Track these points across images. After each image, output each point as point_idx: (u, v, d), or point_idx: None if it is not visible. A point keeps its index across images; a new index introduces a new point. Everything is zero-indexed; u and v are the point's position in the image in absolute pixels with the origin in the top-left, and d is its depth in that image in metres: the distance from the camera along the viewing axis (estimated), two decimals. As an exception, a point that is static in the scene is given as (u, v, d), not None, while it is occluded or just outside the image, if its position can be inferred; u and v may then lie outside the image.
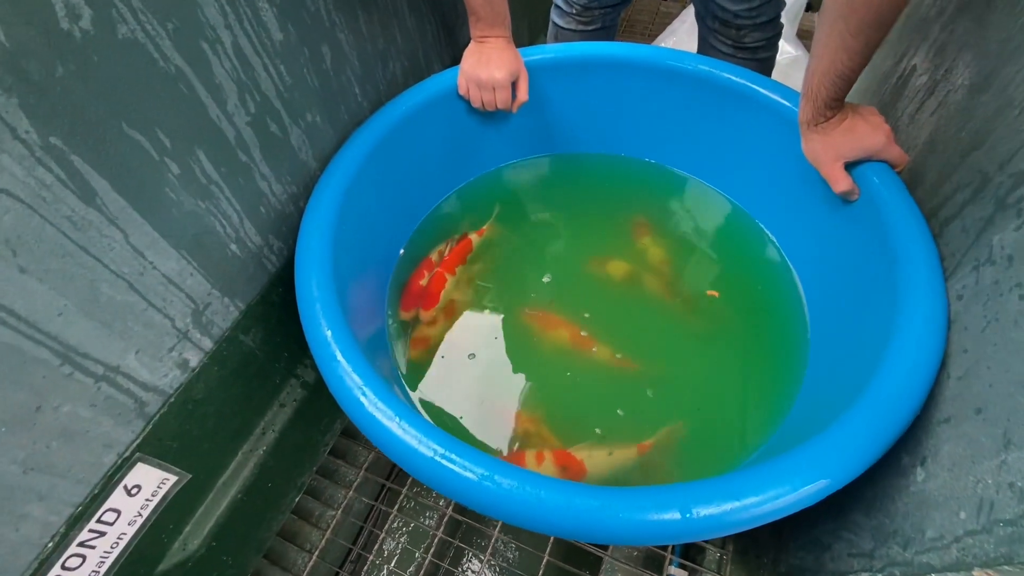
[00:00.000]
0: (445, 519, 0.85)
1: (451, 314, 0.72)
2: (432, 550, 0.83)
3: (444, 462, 0.41)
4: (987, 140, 0.51)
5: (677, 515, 0.39)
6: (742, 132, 0.77)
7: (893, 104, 0.77)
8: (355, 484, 0.86)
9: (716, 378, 0.67)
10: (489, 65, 0.69)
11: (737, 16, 0.88)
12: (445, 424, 0.64)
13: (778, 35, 0.94)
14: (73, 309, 0.44)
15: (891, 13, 0.50)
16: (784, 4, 0.92)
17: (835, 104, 0.56)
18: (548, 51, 0.79)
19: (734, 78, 0.73)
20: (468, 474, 0.41)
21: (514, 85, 0.73)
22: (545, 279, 0.77)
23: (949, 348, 0.47)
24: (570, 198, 0.88)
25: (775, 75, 1.02)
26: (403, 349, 0.70)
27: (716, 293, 0.71)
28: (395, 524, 0.87)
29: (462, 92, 0.74)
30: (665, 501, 0.39)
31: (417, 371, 0.68)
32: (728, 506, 0.39)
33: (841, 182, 0.60)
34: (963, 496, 0.40)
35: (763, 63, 0.96)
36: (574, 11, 0.99)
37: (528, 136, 0.87)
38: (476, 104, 0.74)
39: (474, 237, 0.79)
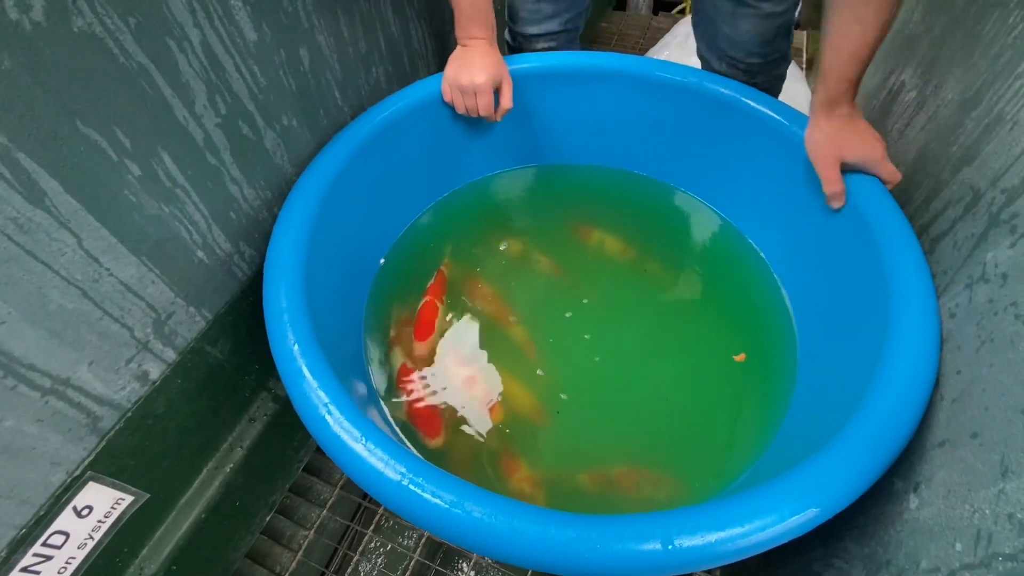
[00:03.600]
0: (423, 540, 0.81)
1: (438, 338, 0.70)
2: (409, 573, 0.80)
3: (412, 487, 0.39)
4: (978, 155, 0.50)
5: (658, 546, 0.36)
6: (732, 145, 0.75)
7: (882, 120, 0.76)
8: (329, 503, 0.82)
9: (698, 398, 0.65)
10: (471, 69, 0.67)
11: (750, 55, 0.78)
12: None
13: (787, 66, 0.84)
14: (17, 317, 0.41)
15: None
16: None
17: (848, 87, 0.54)
18: (535, 59, 0.78)
19: (724, 90, 0.72)
20: (436, 501, 0.38)
21: (499, 93, 0.71)
22: (523, 293, 0.75)
23: (942, 368, 0.45)
24: (553, 210, 0.86)
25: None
26: (383, 368, 0.67)
27: (743, 357, 0.67)
28: (371, 545, 0.83)
29: (447, 99, 0.72)
30: (645, 531, 0.36)
31: (397, 390, 0.66)
32: (712, 537, 0.36)
33: (834, 182, 0.58)
34: (959, 526, 0.38)
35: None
36: (519, 45, 0.88)
37: (515, 146, 0.86)
38: (460, 110, 0.72)
39: (444, 269, 0.77)
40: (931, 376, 0.44)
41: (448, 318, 0.71)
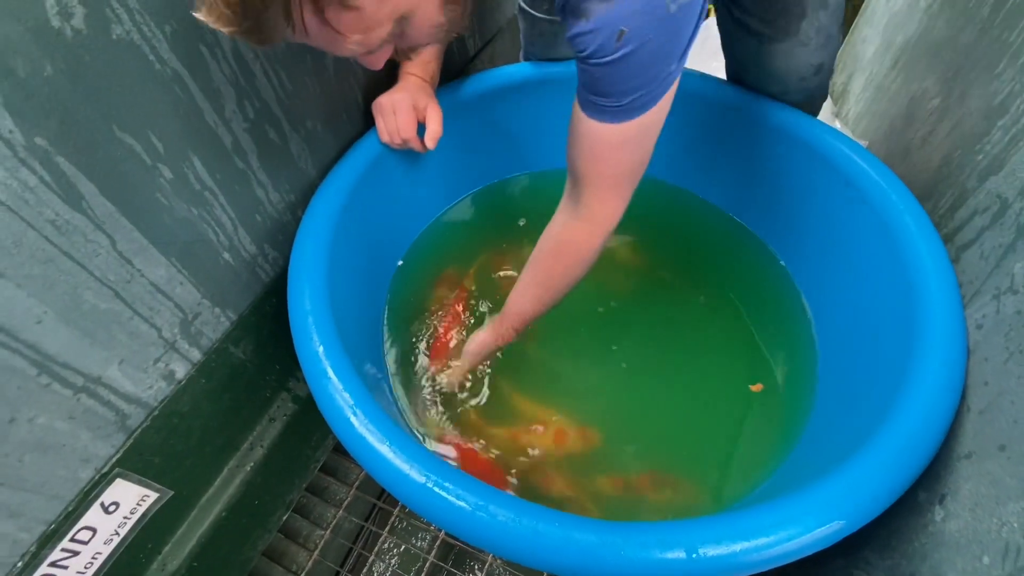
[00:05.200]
0: (438, 542, 0.82)
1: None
2: (423, 574, 0.80)
3: (436, 489, 0.39)
4: (1006, 165, 0.49)
5: (682, 554, 0.36)
6: (749, 154, 0.75)
7: (905, 127, 0.76)
8: (345, 503, 0.83)
9: (718, 406, 0.65)
10: (392, 90, 0.66)
11: (785, 93, 0.71)
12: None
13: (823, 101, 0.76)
14: (53, 317, 0.42)
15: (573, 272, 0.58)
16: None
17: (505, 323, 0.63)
18: (550, 67, 0.78)
19: (736, 97, 0.72)
20: (461, 503, 0.38)
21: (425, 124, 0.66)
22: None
23: (969, 380, 0.45)
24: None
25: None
26: (400, 365, 0.68)
27: (760, 386, 0.65)
28: (385, 546, 0.84)
29: (380, 134, 0.68)
30: (669, 539, 0.36)
31: (411, 387, 0.66)
32: (737, 547, 0.36)
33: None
34: (986, 539, 0.38)
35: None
36: None
37: (527, 150, 0.86)
38: (383, 137, 0.67)
39: (467, 283, 0.77)
40: (958, 387, 0.44)
41: (465, 334, 0.72)
